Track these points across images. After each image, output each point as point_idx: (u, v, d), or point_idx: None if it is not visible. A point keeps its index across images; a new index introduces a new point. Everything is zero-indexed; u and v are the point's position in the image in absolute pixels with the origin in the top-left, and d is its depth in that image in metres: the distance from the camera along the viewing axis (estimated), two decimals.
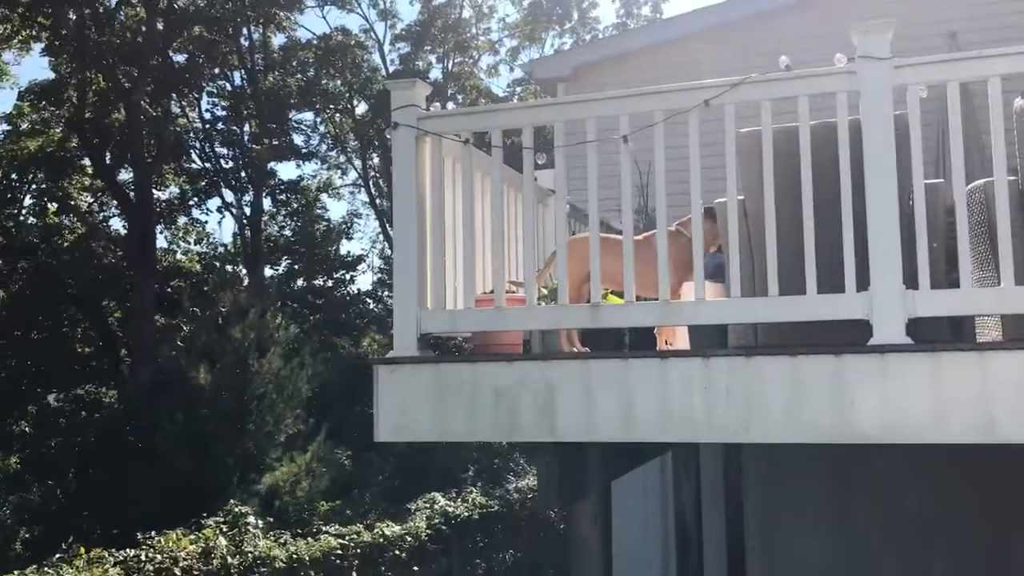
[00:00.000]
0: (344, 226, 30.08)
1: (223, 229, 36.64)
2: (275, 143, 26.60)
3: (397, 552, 10.32)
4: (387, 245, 28.43)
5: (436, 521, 11.23)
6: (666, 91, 3.99)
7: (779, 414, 3.69)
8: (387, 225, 27.48)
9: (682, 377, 3.80)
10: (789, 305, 3.79)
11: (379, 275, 29.75)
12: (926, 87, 3.75)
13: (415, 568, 10.46)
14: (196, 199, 27.80)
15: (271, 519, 11.21)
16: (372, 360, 4.33)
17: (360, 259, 29.44)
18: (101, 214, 27.10)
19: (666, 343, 4.76)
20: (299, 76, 27.47)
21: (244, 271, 26.62)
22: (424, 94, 4.33)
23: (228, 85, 27.51)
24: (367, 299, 28.74)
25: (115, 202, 25.62)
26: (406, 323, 4.23)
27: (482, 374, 4.07)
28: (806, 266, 3.78)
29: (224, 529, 9.52)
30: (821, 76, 3.83)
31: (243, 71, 26.92)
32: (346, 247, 40.05)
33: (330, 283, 28.70)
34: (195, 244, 28.59)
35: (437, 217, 4.28)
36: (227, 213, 27.88)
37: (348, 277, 28.92)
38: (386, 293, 27.46)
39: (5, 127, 25.11)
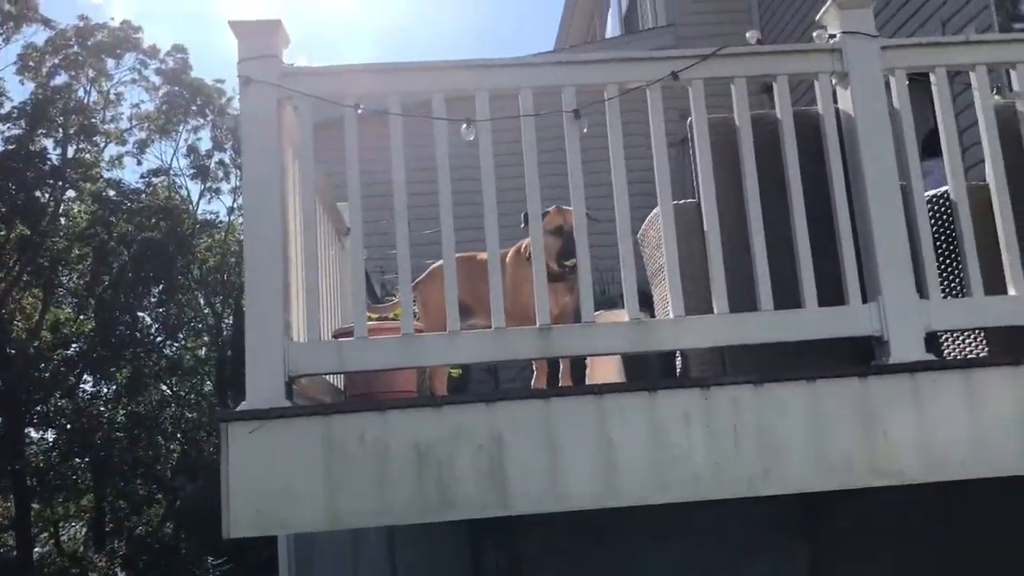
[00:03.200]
0: None
1: None
2: None
3: None
4: None
5: None
6: (622, 60, 3.19)
7: (803, 455, 2.90)
8: None
9: (676, 416, 2.89)
10: (787, 322, 3.06)
11: None
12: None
13: None
14: None
15: None
16: (219, 416, 2.89)
17: None
18: None
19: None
20: None
21: None
22: (287, 39, 3.12)
23: None
24: None
25: None
26: (267, 361, 2.89)
27: (396, 427, 2.84)
28: (801, 275, 3.10)
29: None
30: (804, 53, 3.26)
31: None
32: None
33: None
34: None
35: (310, 212, 3.04)
36: None
37: None
38: None
39: None
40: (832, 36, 3.24)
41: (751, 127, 3.18)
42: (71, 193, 24.25)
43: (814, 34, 3.29)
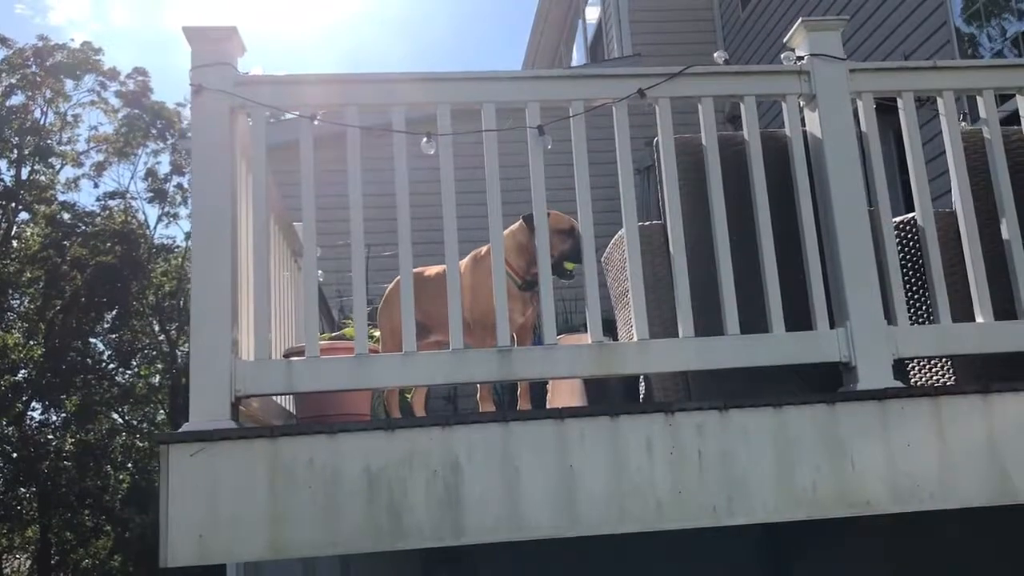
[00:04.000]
0: None
1: None
2: None
3: None
4: None
5: None
6: (593, 75, 3.11)
7: (769, 483, 2.80)
8: None
9: (639, 442, 2.79)
10: (754, 347, 2.98)
11: None
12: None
13: None
14: None
15: None
16: (159, 437, 2.73)
17: None
18: None
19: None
20: None
21: None
22: (242, 47, 3.01)
23: None
24: None
25: None
26: (212, 380, 2.75)
27: (347, 451, 2.70)
28: (769, 299, 3.03)
29: None
30: (771, 74, 3.20)
31: None
32: None
33: None
34: None
35: (262, 224, 2.91)
36: None
37: None
38: None
39: None
40: (800, 58, 3.20)
41: (718, 148, 3.11)
42: (24, 215, 23.74)
43: (782, 56, 3.24)
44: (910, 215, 3.39)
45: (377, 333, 4.32)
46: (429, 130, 2.98)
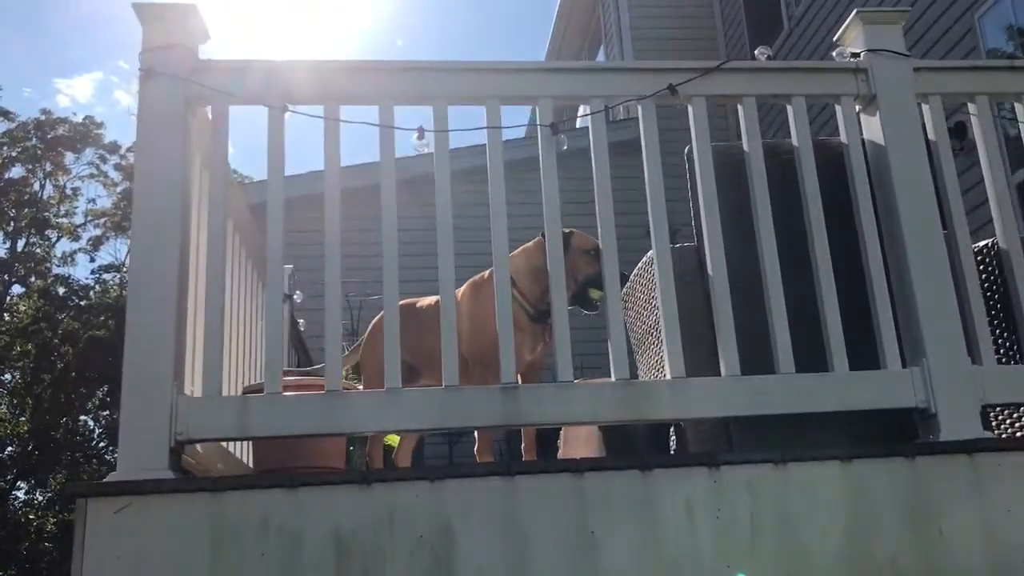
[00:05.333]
0: None
1: None
2: None
3: None
4: None
5: None
6: (615, 68, 2.65)
7: (839, 556, 2.24)
8: None
9: (677, 503, 2.24)
10: (813, 388, 2.45)
11: None
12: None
13: None
14: None
15: None
16: (75, 488, 2.17)
17: None
18: None
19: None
20: None
21: None
22: (204, 30, 2.55)
23: None
24: None
25: None
26: (148, 418, 2.21)
27: (311, 510, 2.15)
28: (828, 330, 2.51)
29: None
30: (822, 72, 2.75)
31: None
32: None
33: None
34: None
35: (218, 232, 2.41)
36: None
37: None
38: None
39: None
40: (856, 55, 2.75)
41: (799, 154, 2.63)
42: (18, 288, 23.30)
43: (833, 53, 2.80)
44: (988, 240, 2.90)
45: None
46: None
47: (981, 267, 2.95)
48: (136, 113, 2.46)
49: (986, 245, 2.93)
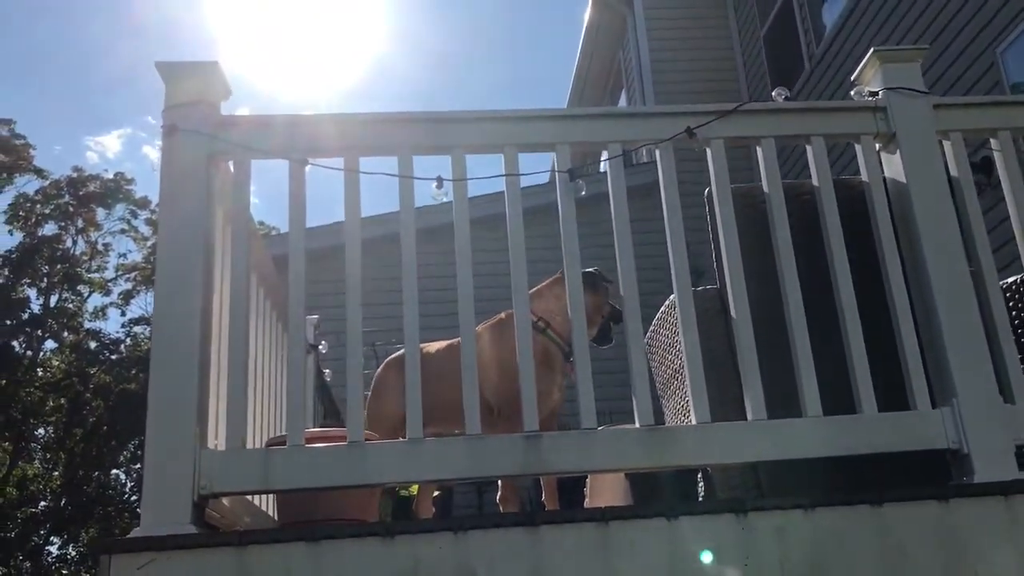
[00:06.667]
0: None
1: None
2: None
3: None
4: None
5: None
6: (633, 114, 2.66)
7: None
8: None
9: (704, 551, 2.20)
10: (842, 431, 2.41)
11: None
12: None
13: None
14: None
15: None
16: (99, 544, 2.17)
17: None
18: None
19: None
20: None
21: None
22: (225, 87, 2.59)
23: None
24: None
25: None
26: (172, 473, 2.21)
27: (332, 564, 2.13)
28: (855, 371, 2.48)
29: None
30: (841, 111, 2.74)
31: None
32: None
33: None
34: None
35: (241, 288, 2.43)
36: None
37: None
38: None
39: None
40: (874, 94, 2.74)
41: (819, 195, 2.62)
42: (50, 343, 23.59)
43: (852, 92, 2.79)
44: (1016, 276, 2.86)
45: None
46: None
47: (1010, 303, 2.90)
48: (159, 168, 2.50)
49: (1014, 281, 2.89)
